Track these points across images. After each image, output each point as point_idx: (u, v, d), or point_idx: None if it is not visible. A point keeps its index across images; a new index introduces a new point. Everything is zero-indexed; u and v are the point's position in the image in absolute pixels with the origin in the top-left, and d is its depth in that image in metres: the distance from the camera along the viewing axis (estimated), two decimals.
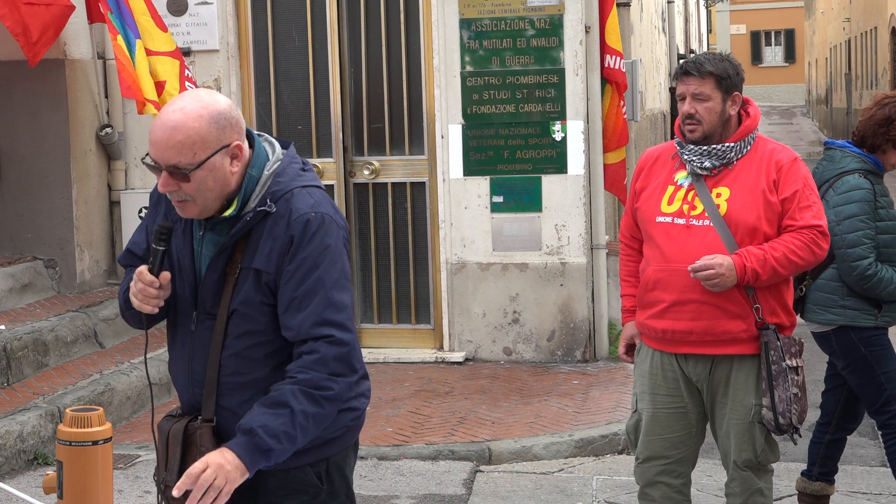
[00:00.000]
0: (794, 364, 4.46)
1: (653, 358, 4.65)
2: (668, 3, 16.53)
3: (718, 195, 4.46)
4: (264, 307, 3.27)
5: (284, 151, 3.37)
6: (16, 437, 6.56)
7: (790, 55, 56.74)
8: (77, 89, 8.67)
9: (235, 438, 3.18)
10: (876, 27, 30.77)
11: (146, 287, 3.27)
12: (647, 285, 4.59)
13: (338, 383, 3.22)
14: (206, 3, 9.13)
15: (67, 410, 3.92)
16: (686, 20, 21.54)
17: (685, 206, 4.49)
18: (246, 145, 3.27)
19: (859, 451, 7.01)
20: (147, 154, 3.24)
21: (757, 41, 57.01)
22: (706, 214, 4.45)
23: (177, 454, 3.36)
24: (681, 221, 4.49)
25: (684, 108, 4.51)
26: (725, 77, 4.49)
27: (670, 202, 4.53)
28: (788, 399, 4.44)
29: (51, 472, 3.97)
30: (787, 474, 6.52)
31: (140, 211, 9.04)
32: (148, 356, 3.81)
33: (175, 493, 3.13)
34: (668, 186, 4.57)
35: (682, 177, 4.56)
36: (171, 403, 7.86)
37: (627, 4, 11.00)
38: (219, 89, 8.95)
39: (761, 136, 4.60)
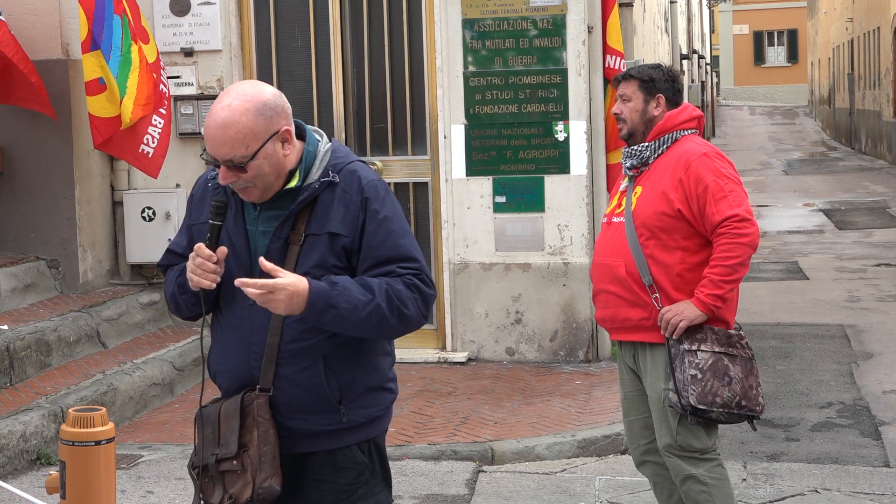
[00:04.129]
0: (693, 347, 4.64)
1: (615, 345, 5.08)
2: (671, 3, 16.53)
3: (636, 194, 4.80)
4: (337, 270, 3.38)
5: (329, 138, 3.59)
6: (19, 437, 6.56)
7: (793, 55, 56.72)
8: (79, 90, 8.65)
9: (319, 281, 3.31)
10: (879, 27, 30.74)
11: (204, 262, 3.35)
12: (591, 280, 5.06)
13: (415, 308, 3.36)
14: (209, 3, 9.13)
15: (70, 410, 3.92)
16: (689, 20, 21.54)
17: (615, 206, 4.88)
18: (293, 128, 3.46)
19: (862, 451, 7.00)
20: (204, 150, 3.37)
21: (760, 41, 56.99)
22: (623, 212, 4.80)
23: (234, 427, 3.41)
24: (606, 220, 4.91)
25: (613, 107, 4.93)
26: (647, 80, 4.85)
27: (610, 203, 4.95)
28: (685, 380, 4.61)
29: (54, 472, 3.97)
30: (789, 475, 6.52)
31: (142, 211, 9.05)
32: (151, 356, 3.88)
33: (246, 288, 3.25)
34: (618, 191, 4.96)
35: (625, 181, 4.93)
36: (174, 404, 7.86)
37: (630, 4, 10.99)
38: (221, 90, 8.95)
39: (688, 137, 4.82)
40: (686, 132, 4.80)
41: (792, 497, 6.17)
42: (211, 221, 3.40)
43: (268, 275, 3.29)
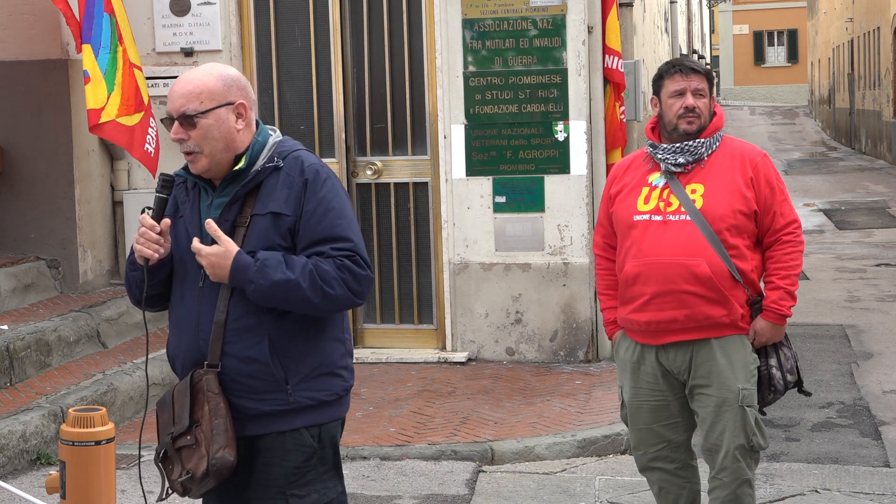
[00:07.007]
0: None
1: (634, 351, 4.81)
2: (671, 3, 16.52)
3: (693, 191, 4.67)
4: (280, 249, 3.50)
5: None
6: (19, 437, 6.56)
7: (793, 55, 56.69)
8: (79, 89, 8.65)
9: (248, 256, 3.48)
10: (879, 27, 30.73)
11: (147, 231, 3.57)
12: (626, 281, 4.75)
13: (342, 288, 3.47)
14: (209, 3, 9.13)
15: (70, 410, 3.93)
16: (689, 20, 21.54)
17: (661, 204, 4.68)
18: (253, 115, 3.63)
19: (862, 451, 7.00)
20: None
21: (760, 41, 56.96)
22: (682, 210, 4.64)
23: (186, 403, 3.53)
24: (658, 218, 4.67)
25: (687, 101, 4.72)
26: (711, 79, 4.82)
27: (646, 201, 4.72)
28: (794, 356, 4.77)
29: (54, 472, 3.98)
30: (789, 475, 6.53)
31: (142, 211, 9.03)
32: (151, 356, 3.93)
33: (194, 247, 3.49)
34: (642, 188, 4.76)
35: (655, 178, 4.75)
36: None
37: (630, 4, 10.98)
38: None
39: (727, 136, 4.83)
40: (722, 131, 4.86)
41: (792, 497, 6.17)
42: (157, 194, 3.61)
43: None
